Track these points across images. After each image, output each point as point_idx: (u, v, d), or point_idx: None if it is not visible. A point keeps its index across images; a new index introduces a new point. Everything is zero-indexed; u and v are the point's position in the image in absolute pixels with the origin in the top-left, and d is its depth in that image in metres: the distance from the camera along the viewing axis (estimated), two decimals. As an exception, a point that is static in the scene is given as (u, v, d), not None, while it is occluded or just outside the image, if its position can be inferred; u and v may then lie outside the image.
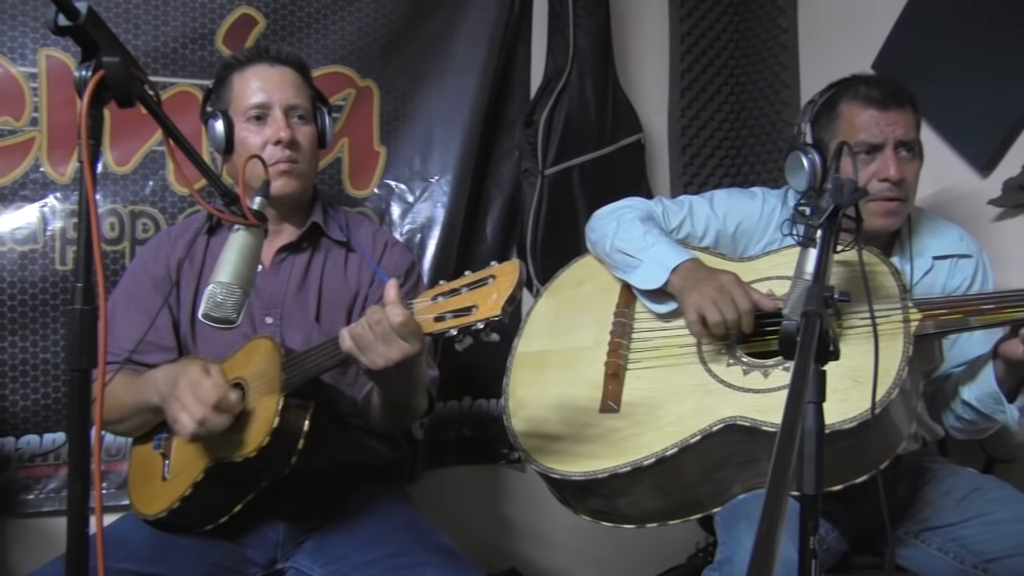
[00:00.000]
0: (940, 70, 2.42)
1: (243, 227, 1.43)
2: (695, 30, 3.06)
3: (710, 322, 1.67)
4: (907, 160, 1.84)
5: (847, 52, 2.72)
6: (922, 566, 1.81)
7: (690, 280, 1.73)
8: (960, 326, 1.64)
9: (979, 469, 2.03)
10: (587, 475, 1.62)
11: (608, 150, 2.79)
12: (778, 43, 3.03)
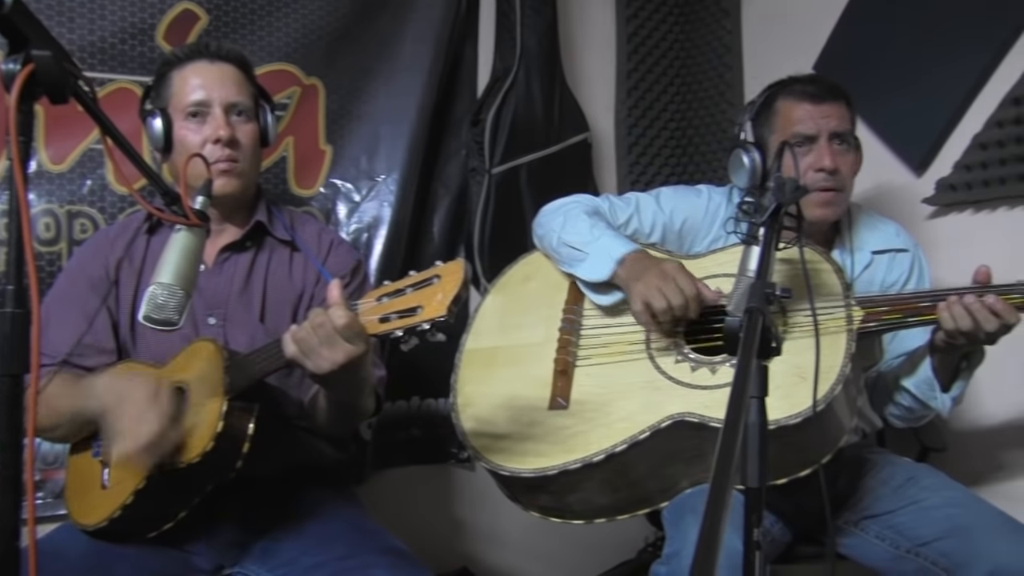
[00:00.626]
0: (878, 72, 2.47)
1: (184, 227, 1.40)
2: (641, 30, 3.08)
3: (656, 309, 1.68)
4: (842, 152, 1.89)
5: (789, 54, 2.76)
6: (861, 553, 1.85)
7: (635, 270, 1.74)
8: (899, 323, 1.69)
9: (914, 458, 2.08)
10: (537, 472, 1.62)
11: (555, 149, 2.80)
12: (722, 44, 3.06)
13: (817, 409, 1.45)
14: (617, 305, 1.81)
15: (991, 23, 2.20)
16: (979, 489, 2.06)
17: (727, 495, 0.87)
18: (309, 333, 1.44)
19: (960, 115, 2.30)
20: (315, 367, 1.46)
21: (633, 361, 1.72)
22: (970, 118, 2.28)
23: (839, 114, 1.89)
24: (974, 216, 2.29)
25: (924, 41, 2.37)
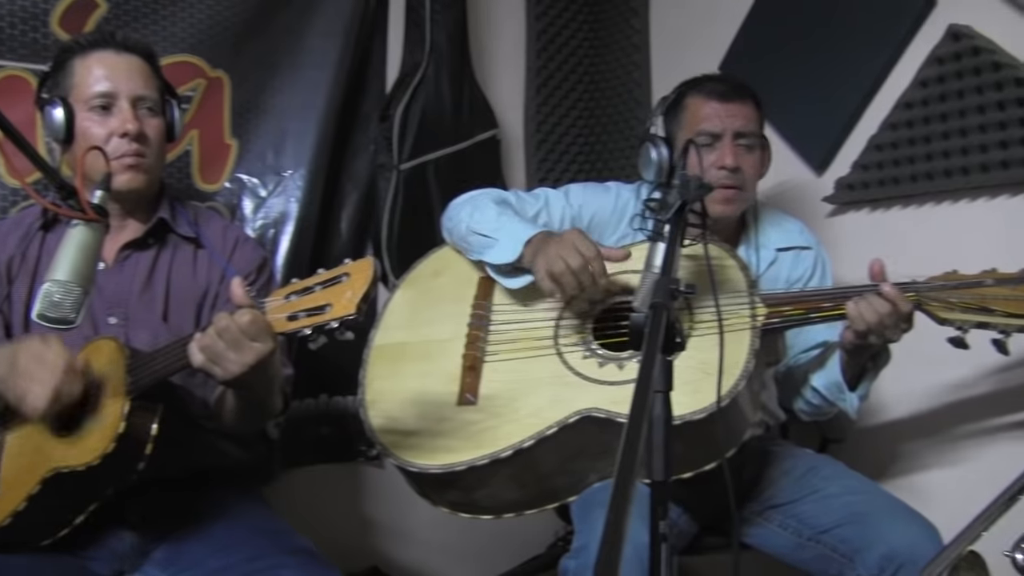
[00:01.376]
0: (781, 72, 2.53)
1: (82, 222, 1.36)
2: (551, 28, 3.10)
3: (557, 273, 1.67)
4: (745, 151, 1.93)
5: (696, 53, 2.81)
6: (765, 542, 1.90)
7: (539, 248, 1.74)
8: (802, 320, 1.74)
9: (815, 449, 2.15)
10: (445, 468, 1.62)
11: (464, 145, 2.80)
12: (631, 43, 3.10)
13: (721, 404, 1.47)
14: (527, 295, 1.82)
15: (886, 29, 2.28)
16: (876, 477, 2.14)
17: (631, 489, 0.89)
18: (214, 339, 1.42)
19: (857, 117, 2.38)
20: (224, 372, 1.43)
21: (541, 357, 1.74)
22: (866, 120, 2.35)
23: (745, 114, 1.94)
24: (871, 214, 2.38)
25: (824, 44, 2.45)
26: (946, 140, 2.12)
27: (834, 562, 1.78)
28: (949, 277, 1.72)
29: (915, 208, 2.26)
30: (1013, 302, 1.66)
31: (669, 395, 1.16)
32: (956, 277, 1.72)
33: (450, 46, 2.77)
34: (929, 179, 2.18)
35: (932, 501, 2.09)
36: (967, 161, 2.08)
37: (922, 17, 2.21)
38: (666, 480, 1.16)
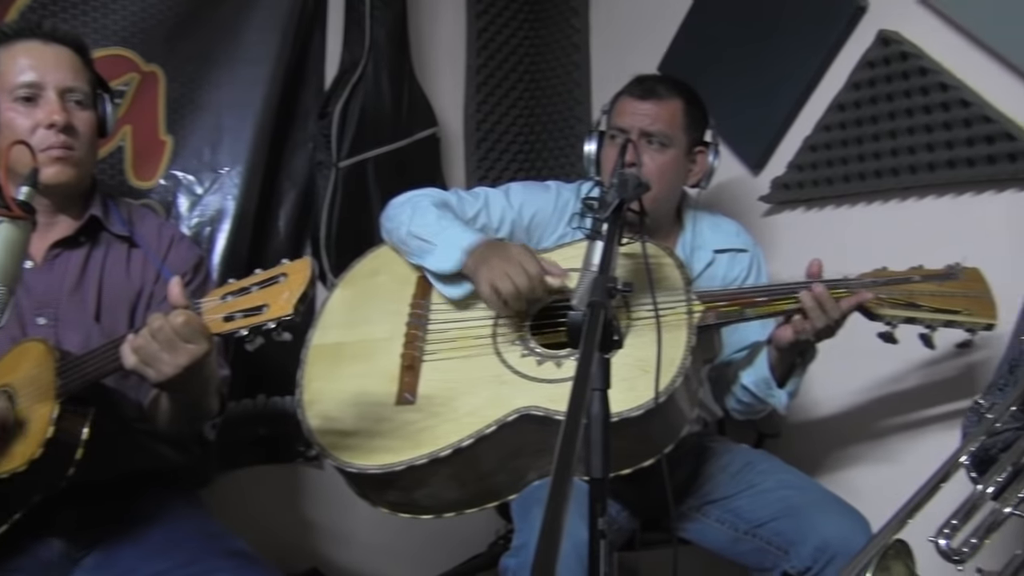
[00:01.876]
0: (718, 73, 2.57)
1: (6, 219, 1.32)
2: (491, 26, 3.10)
3: (503, 292, 1.68)
4: (653, 151, 1.94)
5: (636, 54, 2.84)
6: (702, 537, 1.93)
7: (482, 259, 1.75)
8: (737, 317, 1.76)
9: (752, 445, 2.19)
10: (384, 468, 1.61)
11: (403, 143, 2.78)
12: (571, 42, 3.12)
13: (659, 400, 1.49)
14: (466, 298, 1.82)
15: (819, 33, 2.32)
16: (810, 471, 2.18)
17: (569, 487, 0.89)
18: (148, 340, 1.39)
19: (793, 118, 2.43)
20: (158, 374, 1.40)
21: (480, 356, 1.74)
22: (801, 121, 2.40)
23: (656, 114, 1.95)
24: (805, 214, 2.42)
25: (761, 46, 2.49)
26: (877, 142, 2.18)
27: (769, 555, 1.81)
28: (879, 274, 1.77)
29: (848, 207, 2.32)
30: (939, 298, 1.71)
31: (607, 393, 1.17)
32: (886, 274, 1.77)
33: (390, 43, 2.75)
34: (861, 179, 2.23)
35: (863, 493, 2.14)
36: (897, 162, 2.13)
37: (854, 22, 2.26)
38: (604, 477, 1.17)
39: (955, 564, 1.09)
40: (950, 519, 1.13)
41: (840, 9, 2.27)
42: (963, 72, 2.01)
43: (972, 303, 1.72)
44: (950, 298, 1.72)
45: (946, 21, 2.05)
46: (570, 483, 0.90)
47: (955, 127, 2.00)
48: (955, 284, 1.73)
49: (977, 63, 1.99)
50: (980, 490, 1.14)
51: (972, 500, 1.14)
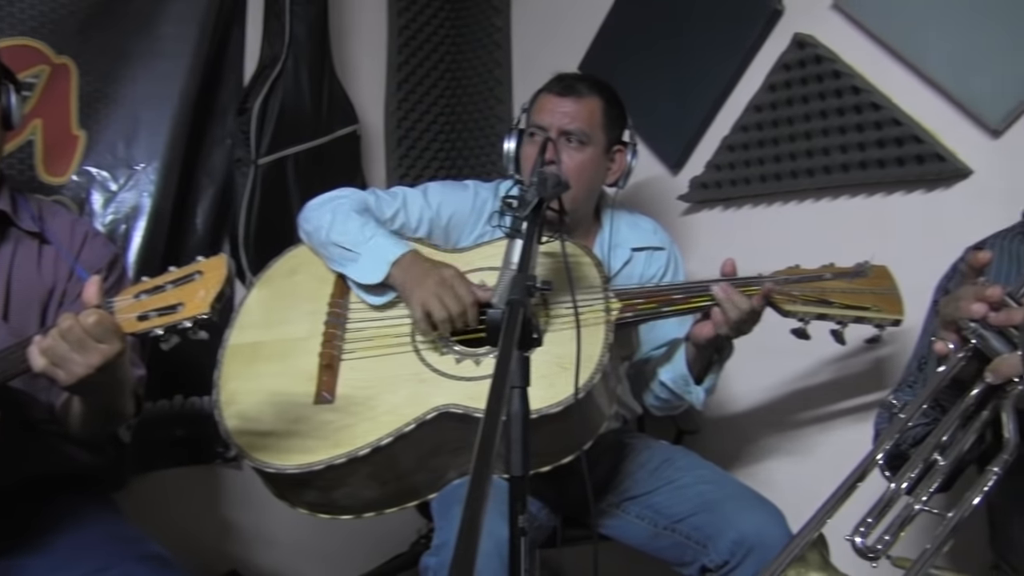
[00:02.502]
0: (638, 73, 2.60)
1: None
2: (413, 24, 3.09)
3: (436, 319, 1.69)
4: (572, 149, 1.95)
5: (557, 52, 2.86)
6: (622, 533, 1.95)
7: (412, 274, 1.74)
8: (655, 314, 1.78)
9: (670, 441, 2.22)
10: (302, 468, 1.60)
11: (323, 140, 2.76)
12: (492, 41, 3.12)
13: (578, 397, 1.50)
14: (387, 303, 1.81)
15: (737, 34, 2.37)
16: (728, 466, 2.22)
17: (487, 485, 0.89)
18: (57, 340, 1.35)
19: (711, 118, 2.47)
20: (69, 376, 1.36)
21: (399, 354, 1.73)
22: (720, 121, 2.45)
23: (575, 112, 1.96)
24: (723, 213, 2.47)
25: (680, 47, 2.52)
26: (793, 143, 2.23)
27: (688, 549, 1.84)
28: (792, 272, 1.81)
29: (764, 207, 2.37)
30: (849, 295, 1.76)
31: (526, 390, 1.18)
32: (798, 272, 1.81)
33: (310, 39, 2.72)
34: (777, 180, 2.28)
35: (779, 486, 2.20)
36: (812, 163, 2.19)
37: (770, 25, 2.31)
38: (524, 475, 1.18)
39: (870, 561, 1.12)
40: (865, 517, 1.15)
41: (757, 12, 2.32)
42: (874, 76, 2.07)
43: (880, 300, 1.76)
44: (860, 295, 1.76)
45: (858, 27, 2.11)
46: (489, 481, 0.90)
47: (867, 129, 2.06)
48: (864, 281, 1.78)
49: (887, 68, 2.06)
50: (893, 488, 1.17)
51: (886, 498, 1.17)
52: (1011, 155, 1.85)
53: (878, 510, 1.15)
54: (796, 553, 1.16)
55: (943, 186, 1.99)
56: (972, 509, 1.12)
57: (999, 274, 1.43)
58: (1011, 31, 1.83)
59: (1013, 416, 1.17)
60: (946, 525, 1.11)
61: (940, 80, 1.95)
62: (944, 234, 1.77)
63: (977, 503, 1.13)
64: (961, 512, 1.12)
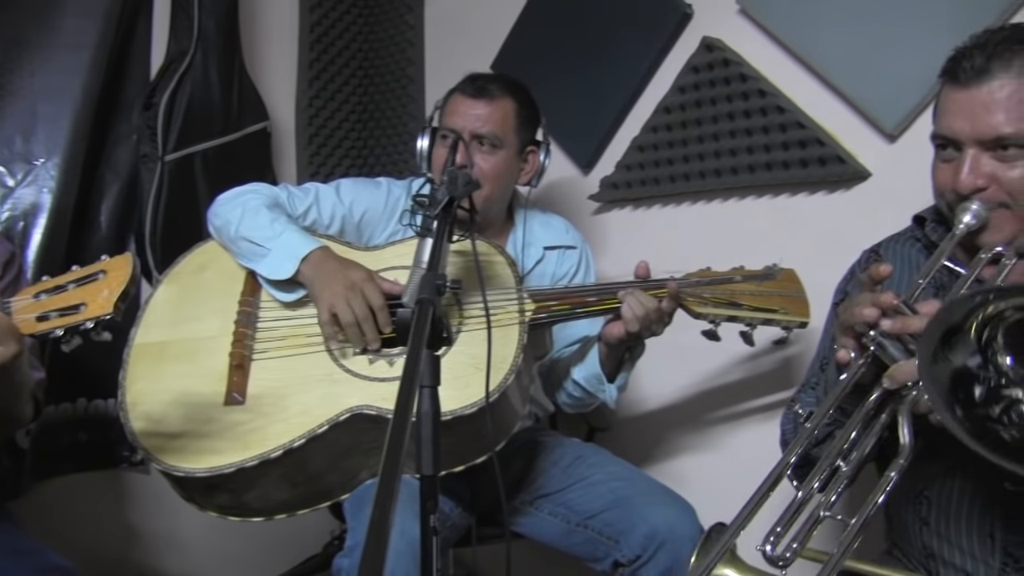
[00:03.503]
0: (550, 73, 2.62)
1: None
2: (325, 20, 3.06)
3: (343, 322, 1.66)
4: (485, 151, 1.97)
5: (470, 51, 2.86)
6: (535, 530, 1.96)
7: (321, 272, 1.72)
8: (568, 315, 1.80)
9: (583, 438, 2.25)
10: (212, 471, 1.56)
11: (233, 137, 2.71)
12: (405, 39, 3.12)
13: (491, 398, 1.51)
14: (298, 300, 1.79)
15: (648, 36, 2.41)
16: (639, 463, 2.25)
17: (396, 485, 0.89)
18: None
19: (622, 119, 2.51)
20: None
21: (311, 354, 1.71)
22: (630, 122, 2.48)
23: (486, 115, 1.96)
24: (633, 212, 2.50)
25: (591, 48, 2.55)
26: (701, 144, 2.27)
27: (601, 545, 1.86)
28: (703, 274, 1.85)
29: (673, 207, 2.41)
30: (758, 297, 1.80)
31: (437, 390, 1.18)
32: (709, 274, 1.85)
33: (220, 34, 2.66)
34: (686, 180, 2.32)
35: (689, 482, 2.24)
36: (719, 164, 2.24)
37: (680, 27, 2.36)
38: (435, 474, 1.18)
39: (780, 570, 1.14)
40: (775, 527, 1.18)
41: (667, 15, 2.36)
42: (779, 80, 2.13)
43: (788, 302, 1.82)
44: (768, 297, 1.81)
45: (764, 32, 2.17)
46: (398, 481, 0.90)
47: (772, 132, 2.12)
48: (773, 284, 1.83)
49: (792, 72, 2.12)
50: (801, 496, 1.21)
51: (794, 506, 1.20)
52: (905, 159, 1.92)
53: (787, 519, 1.18)
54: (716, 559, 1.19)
55: (844, 188, 2.06)
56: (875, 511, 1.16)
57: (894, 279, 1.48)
58: (906, 39, 1.90)
59: (908, 420, 1.21)
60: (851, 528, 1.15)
61: (841, 85, 2.02)
62: (844, 236, 1.83)
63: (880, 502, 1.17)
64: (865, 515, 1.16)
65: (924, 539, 1.43)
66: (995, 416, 1.11)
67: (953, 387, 1.11)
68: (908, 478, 1.45)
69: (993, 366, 1.11)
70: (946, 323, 1.09)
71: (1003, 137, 1.28)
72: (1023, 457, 1.07)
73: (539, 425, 2.20)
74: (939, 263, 1.33)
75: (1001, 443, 1.09)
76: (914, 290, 1.31)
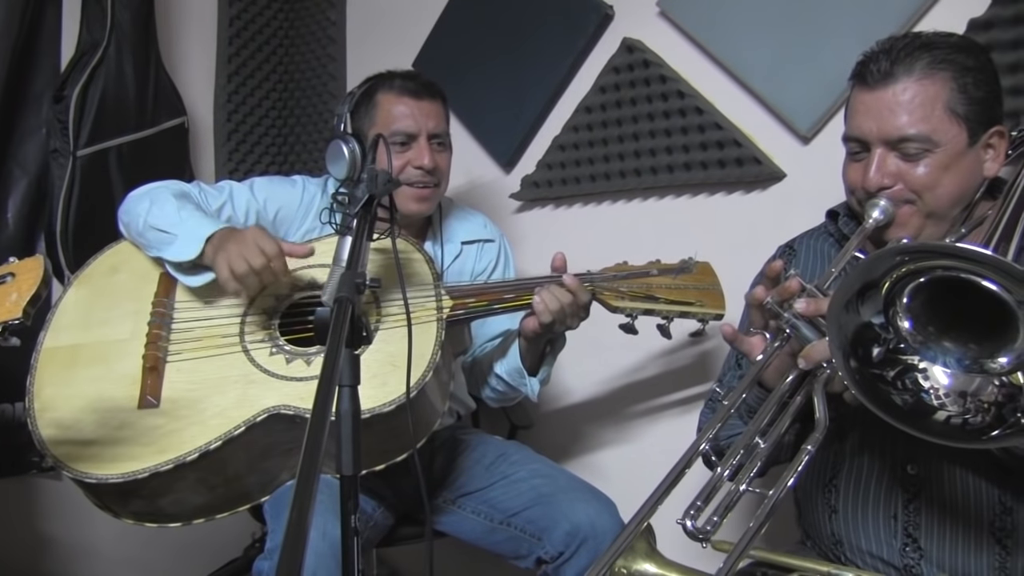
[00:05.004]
0: (472, 72, 2.62)
1: None
2: (244, 14, 3.00)
3: (238, 272, 1.62)
4: (439, 150, 1.97)
5: (391, 49, 2.85)
6: (458, 529, 1.96)
7: (220, 244, 1.68)
8: (486, 311, 1.80)
9: (505, 436, 2.25)
10: (126, 476, 1.52)
11: (148, 132, 2.64)
12: (327, 35, 3.08)
13: (410, 396, 1.50)
14: (211, 291, 1.75)
15: (569, 36, 2.42)
16: (560, 459, 2.28)
17: (314, 486, 0.88)
18: None
19: (543, 118, 2.52)
20: None
21: (227, 355, 1.67)
22: (551, 121, 2.50)
23: (437, 113, 1.97)
24: (554, 211, 2.52)
25: (513, 47, 2.56)
26: (621, 144, 2.30)
27: (524, 542, 1.87)
28: (620, 268, 1.87)
29: (594, 206, 2.43)
30: (674, 290, 1.83)
31: (356, 389, 1.17)
32: (626, 268, 1.87)
33: (134, 26, 2.59)
34: (606, 179, 2.34)
35: (611, 477, 2.27)
36: (639, 164, 2.26)
37: (601, 28, 2.38)
38: (355, 474, 1.17)
39: (701, 543, 1.16)
40: (695, 501, 1.19)
41: (588, 15, 2.38)
42: (698, 82, 2.16)
43: (704, 295, 1.84)
44: (684, 290, 1.84)
45: (683, 34, 2.20)
46: (316, 482, 0.89)
47: (691, 132, 2.15)
48: (688, 277, 1.86)
49: (710, 74, 2.16)
50: (719, 473, 1.23)
51: (713, 481, 1.22)
52: (818, 160, 1.98)
53: (706, 493, 1.20)
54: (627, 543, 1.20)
55: (760, 188, 2.11)
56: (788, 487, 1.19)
57: (807, 271, 1.53)
58: (818, 45, 1.95)
59: (823, 398, 1.24)
60: (766, 504, 1.17)
61: (757, 88, 2.06)
62: (760, 233, 1.87)
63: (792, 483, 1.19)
64: (779, 490, 1.18)
65: (832, 527, 1.49)
66: (889, 379, 1.15)
67: (855, 340, 1.14)
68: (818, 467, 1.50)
69: (894, 328, 1.15)
70: (867, 276, 1.11)
71: (907, 137, 1.34)
72: (913, 421, 1.11)
73: (461, 423, 2.20)
74: (850, 254, 1.37)
75: (893, 405, 1.13)
76: (827, 278, 1.35)
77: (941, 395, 1.12)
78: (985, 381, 1.10)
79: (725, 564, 1.15)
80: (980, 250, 1.01)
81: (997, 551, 1.34)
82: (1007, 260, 1.00)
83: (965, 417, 1.10)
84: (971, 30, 1.72)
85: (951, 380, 1.13)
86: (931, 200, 1.36)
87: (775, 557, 1.40)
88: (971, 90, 1.33)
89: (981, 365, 1.10)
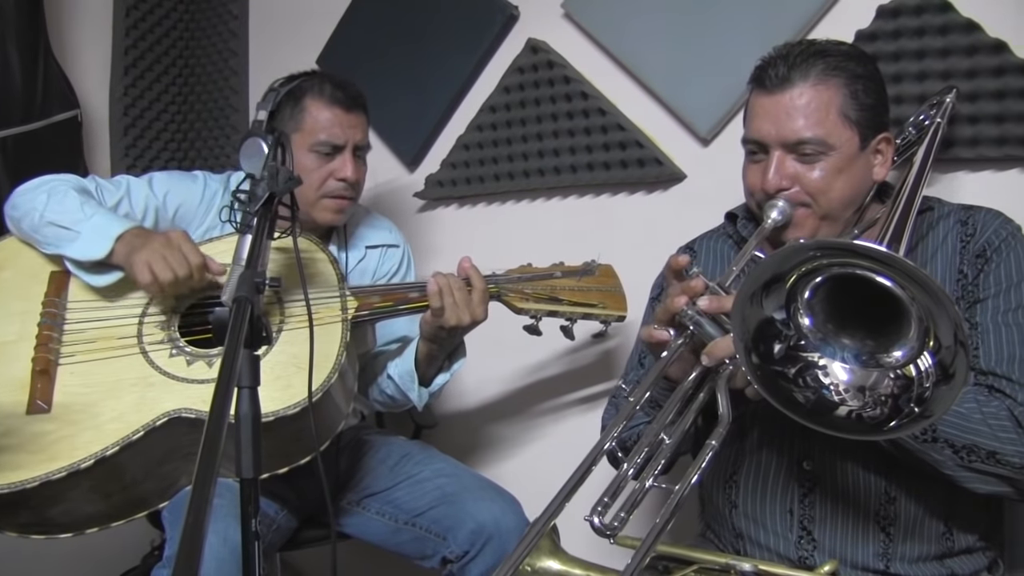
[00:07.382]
0: (376, 70, 2.61)
1: None
2: (142, 5, 2.90)
3: (160, 277, 1.58)
4: (361, 163, 1.96)
5: (295, 46, 2.81)
6: (363, 530, 1.95)
7: (137, 243, 1.63)
8: (391, 312, 1.79)
9: (409, 436, 2.24)
10: (13, 487, 1.45)
11: (37, 125, 2.54)
12: (228, 29, 3.02)
13: (314, 398, 1.48)
14: (107, 290, 1.69)
15: (474, 36, 2.43)
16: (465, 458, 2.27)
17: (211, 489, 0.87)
18: None
19: (448, 117, 2.52)
20: None
21: (124, 357, 1.62)
22: (456, 121, 2.50)
23: (363, 125, 1.96)
24: (459, 210, 2.52)
25: (418, 45, 2.55)
26: (525, 144, 2.31)
27: (429, 543, 1.87)
28: (524, 270, 1.88)
29: (498, 205, 2.44)
30: (578, 292, 1.85)
31: (256, 390, 1.15)
32: (530, 270, 1.88)
33: (20, 13, 2.49)
34: (510, 179, 2.36)
35: (515, 476, 2.28)
36: (543, 164, 2.28)
37: (506, 29, 2.39)
38: (255, 477, 1.15)
39: (608, 538, 1.17)
40: (601, 498, 1.20)
41: (493, 16, 2.38)
42: (601, 83, 2.20)
43: (606, 297, 1.88)
44: (587, 292, 1.86)
45: (587, 36, 2.23)
46: (213, 486, 0.87)
47: (594, 133, 2.18)
48: (592, 280, 1.88)
49: (613, 76, 2.19)
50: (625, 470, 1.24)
51: (619, 478, 1.24)
52: (717, 162, 2.03)
53: (612, 490, 1.21)
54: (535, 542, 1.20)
55: (661, 188, 2.15)
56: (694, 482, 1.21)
57: (707, 271, 1.56)
58: (718, 49, 2.00)
59: (726, 394, 1.27)
60: (671, 500, 1.19)
61: (659, 90, 2.10)
62: (661, 233, 1.90)
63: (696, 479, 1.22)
64: (685, 485, 1.21)
65: (734, 521, 1.53)
66: (790, 376, 1.18)
67: (757, 336, 1.18)
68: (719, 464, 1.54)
69: (794, 325, 1.19)
70: (778, 268, 1.14)
71: (804, 140, 1.38)
72: (817, 417, 1.15)
73: (365, 423, 2.18)
74: (750, 254, 1.41)
75: (795, 402, 1.16)
76: (728, 276, 1.38)
77: (841, 390, 1.16)
78: (882, 375, 1.14)
79: (633, 561, 1.16)
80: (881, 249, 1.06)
81: (881, 538, 1.40)
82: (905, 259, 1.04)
83: (865, 411, 1.14)
84: (858, 40, 1.79)
85: (850, 375, 1.17)
86: (825, 203, 1.41)
87: (676, 550, 1.42)
88: (862, 96, 1.39)
89: (877, 360, 1.15)
